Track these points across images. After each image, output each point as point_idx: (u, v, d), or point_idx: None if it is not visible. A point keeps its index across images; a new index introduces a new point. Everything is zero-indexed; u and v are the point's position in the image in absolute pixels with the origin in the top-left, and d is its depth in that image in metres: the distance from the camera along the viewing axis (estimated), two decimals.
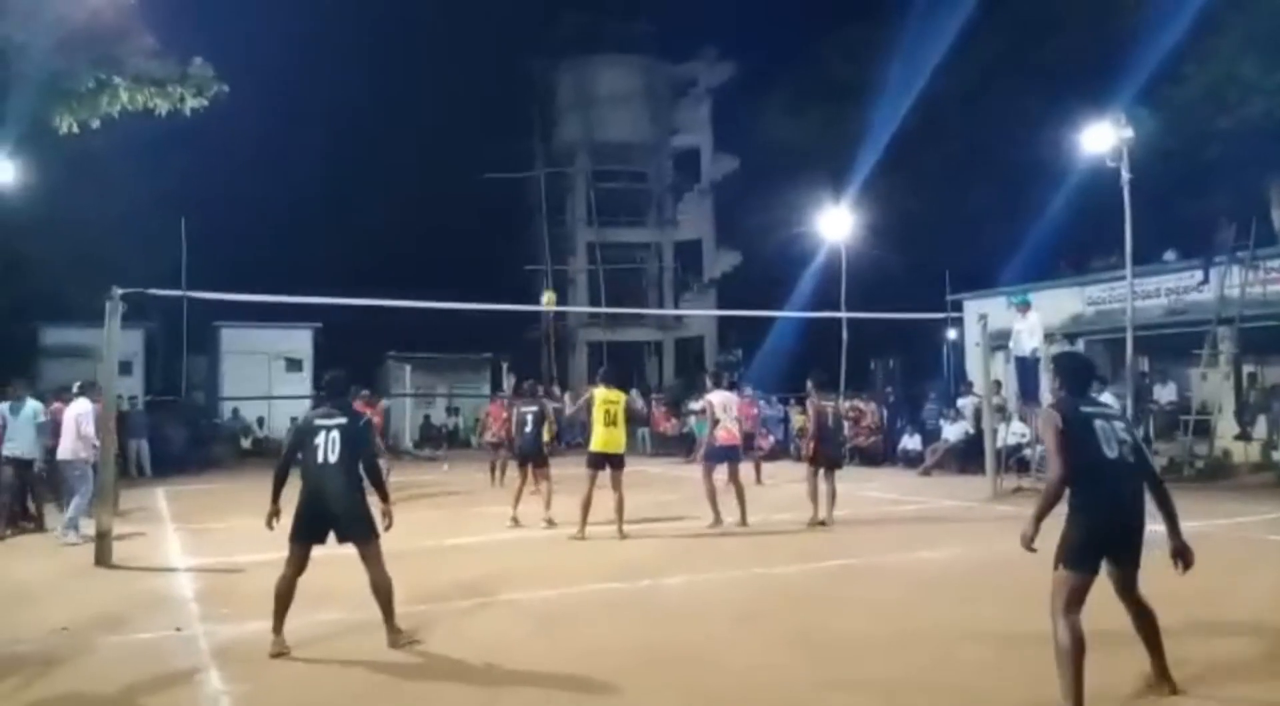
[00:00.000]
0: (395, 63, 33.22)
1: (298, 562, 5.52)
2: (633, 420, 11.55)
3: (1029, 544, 4.21)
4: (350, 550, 5.63)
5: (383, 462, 8.31)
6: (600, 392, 9.90)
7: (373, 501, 5.65)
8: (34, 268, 22.65)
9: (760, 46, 35.42)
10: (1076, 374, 4.64)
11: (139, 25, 8.60)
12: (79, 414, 10.05)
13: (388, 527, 5.57)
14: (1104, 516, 4.21)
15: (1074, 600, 4.17)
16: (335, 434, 5.49)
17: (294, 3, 25.53)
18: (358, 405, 14.98)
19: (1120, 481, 4.24)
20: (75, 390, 11.00)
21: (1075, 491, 4.23)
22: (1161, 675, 4.41)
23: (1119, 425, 4.36)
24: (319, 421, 5.59)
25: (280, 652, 5.38)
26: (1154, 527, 4.27)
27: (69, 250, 22.86)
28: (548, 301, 18.08)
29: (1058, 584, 4.20)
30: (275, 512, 5.61)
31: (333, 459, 5.46)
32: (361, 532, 5.49)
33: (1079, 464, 4.20)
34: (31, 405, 10.68)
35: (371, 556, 5.51)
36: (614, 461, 9.71)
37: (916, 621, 6.17)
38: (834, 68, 27.82)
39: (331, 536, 5.57)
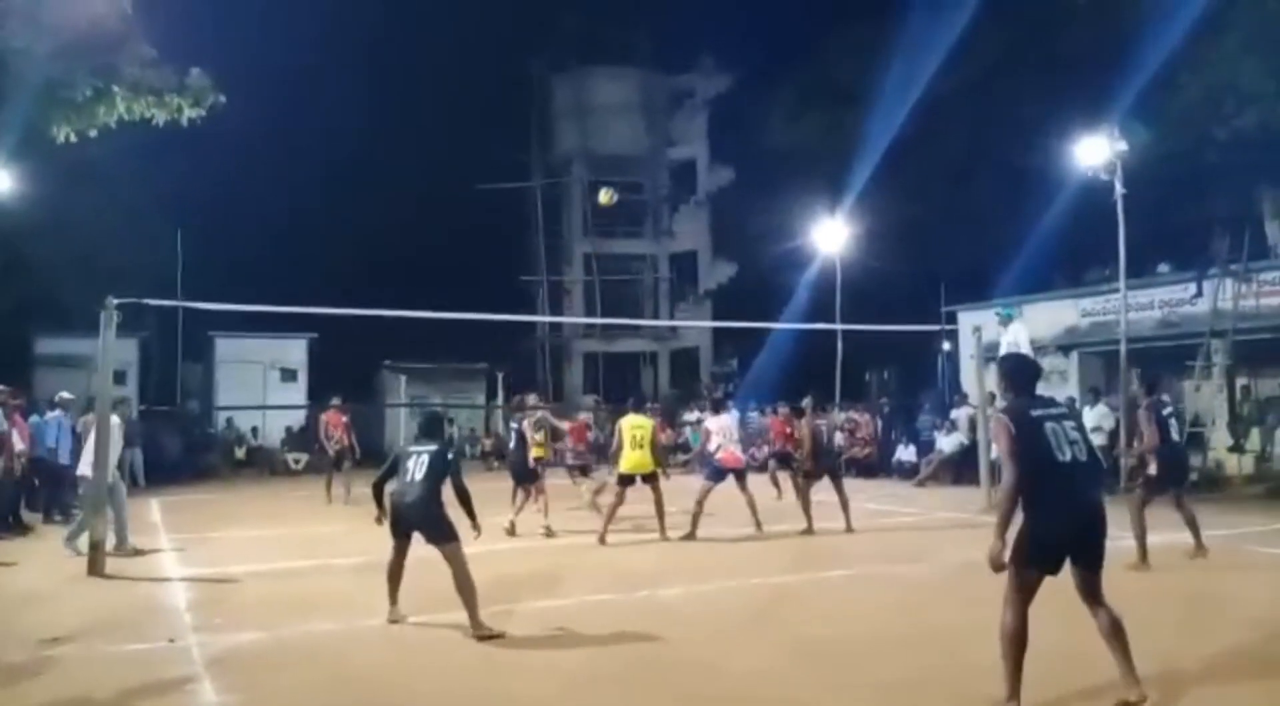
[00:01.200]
0: (391, 73, 33.25)
1: (397, 551, 6.40)
2: (555, 437, 12.05)
3: (999, 559, 4.20)
4: (339, 561, 5.70)
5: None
6: (628, 420, 10.58)
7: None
8: (29, 276, 22.53)
9: (757, 57, 35.31)
10: (1020, 375, 4.69)
11: (137, 34, 8.58)
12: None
13: (477, 538, 6.37)
14: (1060, 520, 4.25)
15: (1025, 596, 4.28)
16: (424, 457, 6.37)
17: (290, 12, 25.55)
18: (329, 414, 15.34)
19: (1074, 483, 4.30)
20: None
21: (1030, 495, 4.25)
22: (1130, 684, 4.28)
23: (1069, 425, 4.39)
24: (413, 448, 6.53)
25: (396, 620, 6.32)
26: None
27: (64, 259, 22.79)
28: (605, 199, 16.09)
29: (1010, 580, 4.30)
30: (382, 514, 6.52)
31: (418, 477, 6.30)
32: (440, 536, 6.20)
33: (1032, 468, 4.24)
34: None
35: (452, 557, 6.15)
36: (645, 478, 10.37)
37: (917, 627, 6.19)
38: (830, 78, 27.86)
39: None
